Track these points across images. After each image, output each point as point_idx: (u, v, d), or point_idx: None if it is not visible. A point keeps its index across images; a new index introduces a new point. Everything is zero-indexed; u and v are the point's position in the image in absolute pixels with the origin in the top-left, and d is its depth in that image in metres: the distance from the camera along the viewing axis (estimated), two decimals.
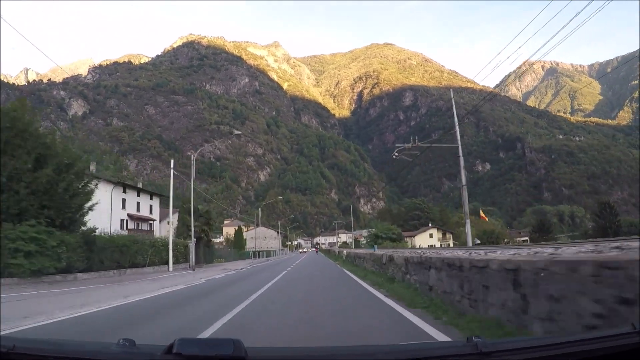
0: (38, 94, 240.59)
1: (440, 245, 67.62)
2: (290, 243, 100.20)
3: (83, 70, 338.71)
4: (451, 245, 66.46)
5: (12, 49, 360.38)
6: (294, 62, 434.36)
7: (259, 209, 70.06)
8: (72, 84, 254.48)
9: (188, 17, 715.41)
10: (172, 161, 31.70)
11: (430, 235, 78.07)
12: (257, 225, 70.92)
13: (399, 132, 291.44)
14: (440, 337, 5.24)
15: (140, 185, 64.05)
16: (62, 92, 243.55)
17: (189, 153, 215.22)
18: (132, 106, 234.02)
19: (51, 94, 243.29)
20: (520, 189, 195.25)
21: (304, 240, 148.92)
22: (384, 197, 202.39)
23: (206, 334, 5.79)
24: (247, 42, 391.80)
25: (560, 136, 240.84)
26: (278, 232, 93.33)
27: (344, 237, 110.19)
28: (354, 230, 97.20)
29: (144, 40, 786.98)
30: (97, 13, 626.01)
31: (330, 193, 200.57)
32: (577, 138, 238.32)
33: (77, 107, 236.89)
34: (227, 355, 1.33)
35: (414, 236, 69.44)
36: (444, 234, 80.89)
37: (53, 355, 1.50)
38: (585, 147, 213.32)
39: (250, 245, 72.50)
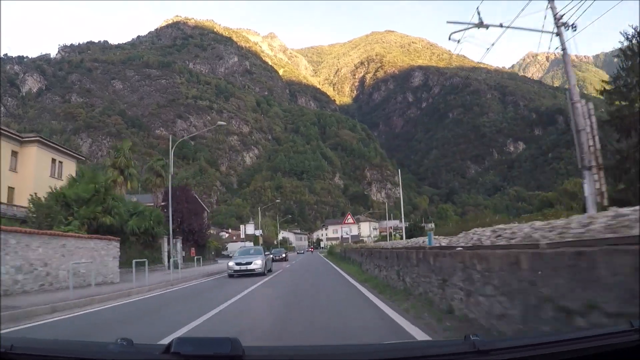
0: None
1: None
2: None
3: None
4: None
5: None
6: (290, 53, 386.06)
7: None
8: (31, 59, 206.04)
9: (176, 7, 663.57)
10: None
11: None
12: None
13: (408, 115, 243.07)
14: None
15: None
16: (16, 67, 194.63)
17: (157, 131, 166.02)
18: (96, 81, 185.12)
19: (4, 69, 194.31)
20: (572, 167, 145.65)
21: (295, 233, 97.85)
22: (400, 183, 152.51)
23: None
24: (240, 29, 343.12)
25: (602, 110, 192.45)
26: None
27: (365, 227, 61.81)
28: (384, 220, 49.28)
29: (132, 32, 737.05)
30: (90, 9, 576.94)
31: (334, 178, 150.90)
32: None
33: (32, 83, 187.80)
34: (224, 354, 1.26)
35: None
36: None
37: (51, 354, 1.42)
38: None
39: None
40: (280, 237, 72.86)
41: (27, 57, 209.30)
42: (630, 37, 23.62)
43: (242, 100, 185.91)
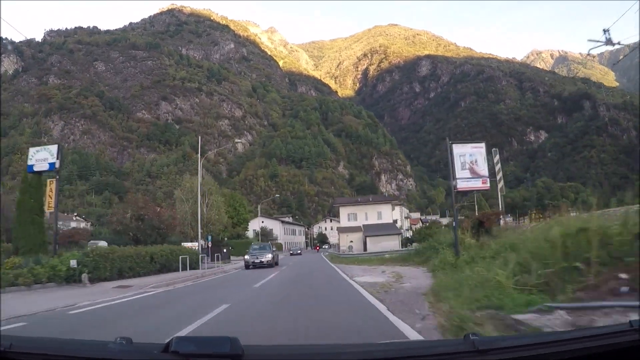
0: None
1: None
2: None
3: None
4: None
5: None
6: (291, 48, 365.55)
7: None
8: (10, 40, 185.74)
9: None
10: None
11: None
12: None
13: (415, 106, 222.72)
14: None
15: None
16: None
17: (138, 113, 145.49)
18: (77, 63, 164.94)
19: None
20: (606, 156, 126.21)
21: (283, 222, 75.22)
22: (412, 174, 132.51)
23: None
24: (240, 20, 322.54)
25: (628, 97, 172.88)
26: None
27: (397, 214, 41.70)
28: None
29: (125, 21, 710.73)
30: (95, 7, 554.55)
31: (338, 166, 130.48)
32: None
33: (8, 65, 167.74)
34: (224, 353, 1.22)
35: None
36: None
37: (50, 353, 1.39)
38: None
39: None
40: (257, 226, 51.09)
41: (5, 38, 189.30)
42: None
43: (237, 84, 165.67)
